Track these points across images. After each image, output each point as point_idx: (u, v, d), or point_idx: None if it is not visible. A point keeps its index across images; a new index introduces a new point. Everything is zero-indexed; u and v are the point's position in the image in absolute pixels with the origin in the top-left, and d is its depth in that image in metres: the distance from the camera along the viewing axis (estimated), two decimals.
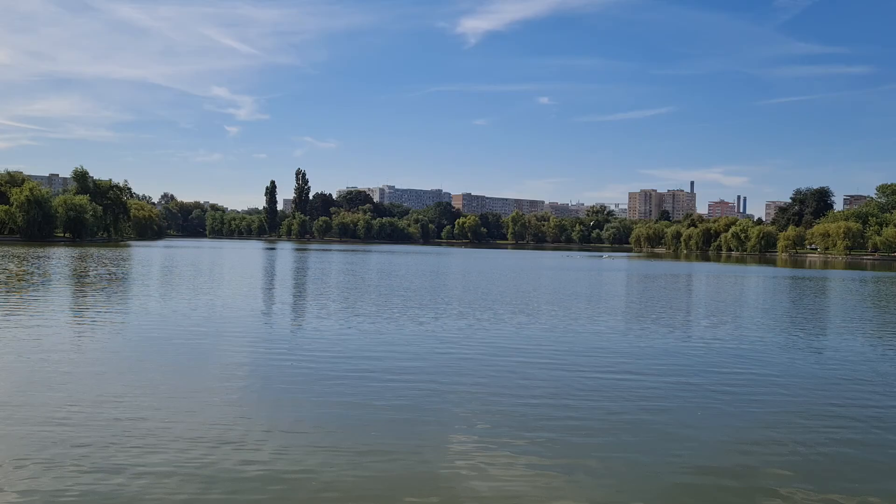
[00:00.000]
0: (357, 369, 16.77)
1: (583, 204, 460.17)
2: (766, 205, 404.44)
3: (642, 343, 22.39)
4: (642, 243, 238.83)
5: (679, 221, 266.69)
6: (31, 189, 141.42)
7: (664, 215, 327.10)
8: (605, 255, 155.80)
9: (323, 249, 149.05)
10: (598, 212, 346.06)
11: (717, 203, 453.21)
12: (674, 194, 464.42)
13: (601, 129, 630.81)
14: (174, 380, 15.38)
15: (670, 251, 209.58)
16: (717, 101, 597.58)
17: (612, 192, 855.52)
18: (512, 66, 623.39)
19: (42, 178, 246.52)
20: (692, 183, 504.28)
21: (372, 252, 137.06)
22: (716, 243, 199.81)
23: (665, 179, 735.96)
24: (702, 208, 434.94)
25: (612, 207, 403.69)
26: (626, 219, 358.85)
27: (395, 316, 27.69)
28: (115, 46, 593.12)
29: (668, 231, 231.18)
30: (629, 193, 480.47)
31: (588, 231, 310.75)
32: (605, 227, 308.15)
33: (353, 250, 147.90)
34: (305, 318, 27.67)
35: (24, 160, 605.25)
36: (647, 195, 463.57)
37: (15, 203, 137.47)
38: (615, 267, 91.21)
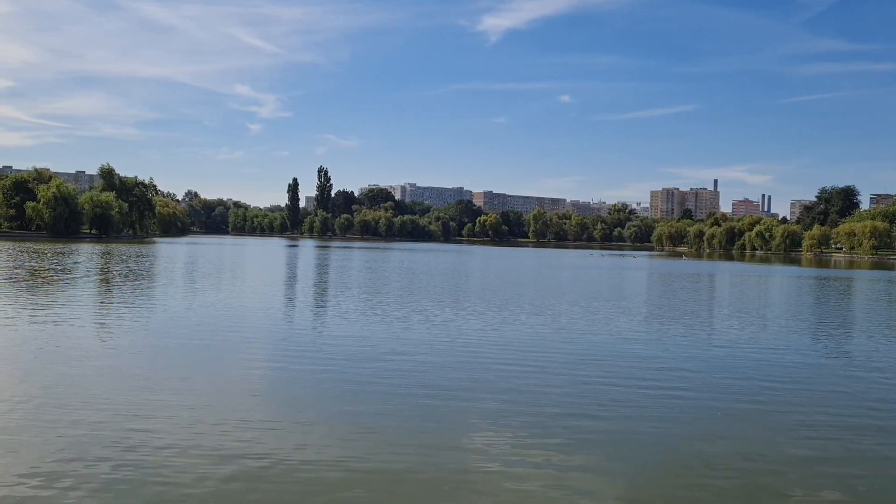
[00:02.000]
0: (377, 367, 16.96)
1: (604, 202, 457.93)
2: (791, 203, 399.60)
3: (665, 344, 22.39)
4: (664, 242, 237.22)
5: (702, 220, 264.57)
6: (58, 186, 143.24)
7: (687, 214, 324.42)
8: (633, 255, 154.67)
9: (344, 247, 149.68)
10: (619, 210, 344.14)
11: (741, 202, 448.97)
12: (697, 193, 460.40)
13: (622, 128, 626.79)
14: (196, 375, 15.70)
15: (693, 250, 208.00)
16: (741, 98, 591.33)
17: (634, 190, 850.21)
18: (532, 63, 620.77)
19: (69, 175, 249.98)
20: (715, 181, 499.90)
21: (393, 250, 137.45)
22: (740, 242, 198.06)
23: (688, 178, 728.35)
24: (725, 207, 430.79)
25: (634, 206, 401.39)
26: (647, 217, 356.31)
27: (416, 314, 27.90)
28: (140, 45, 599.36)
29: (690, 230, 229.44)
30: (651, 192, 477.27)
31: (610, 230, 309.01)
32: (626, 226, 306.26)
33: (374, 248, 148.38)
34: (327, 315, 28.00)
35: (51, 157, 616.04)
36: (669, 194, 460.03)
37: (42, 200, 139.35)
38: (637, 266, 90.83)
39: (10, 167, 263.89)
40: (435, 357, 18.47)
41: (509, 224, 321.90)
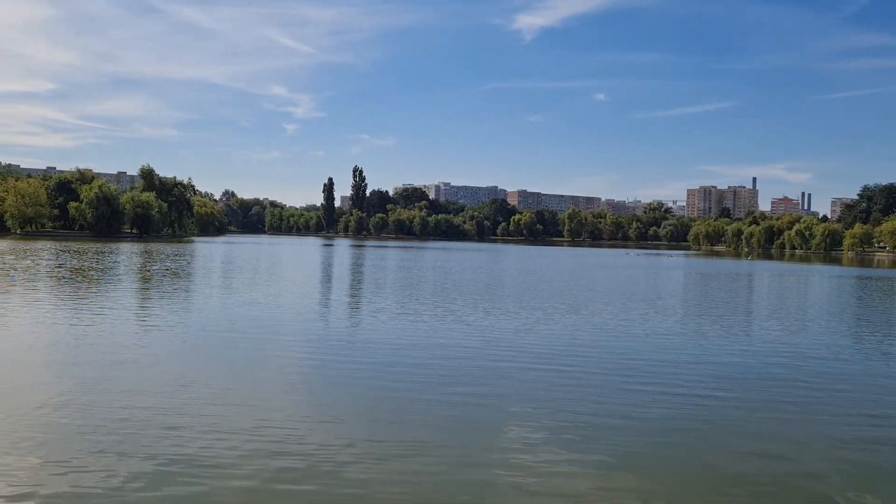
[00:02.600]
0: (410, 367, 17.10)
1: (640, 201, 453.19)
2: (832, 202, 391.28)
3: (702, 344, 22.21)
4: (701, 241, 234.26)
5: (740, 219, 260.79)
6: (100, 186, 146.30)
7: (724, 212, 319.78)
8: (669, 254, 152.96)
9: (379, 246, 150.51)
10: (655, 209, 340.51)
11: (780, 200, 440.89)
12: (735, 191, 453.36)
13: (658, 125, 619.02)
14: (233, 373, 15.97)
15: (731, 249, 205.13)
16: (780, 95, 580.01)
17: (670, 189, 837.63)
18: (567, 62, 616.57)
19: (111, 175, 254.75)
20: (754, 179, 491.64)
21: (427, 249, 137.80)
22: (779, 241, 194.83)
23: (725, 176, 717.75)
24: (764, 205, 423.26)
25: (670, 205, 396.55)
26: (684, 216, 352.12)
27: (449, 314, 28.02)
28: (178, 47, 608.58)
29: (728, 229, 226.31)
30: (688, 190, 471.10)
31: (645, 228, 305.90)
32: (662, 225, 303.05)
33: (408, 247, 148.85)
34: (361, 314, 28.26)
35: (93, 158, 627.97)
36: (706, 192, 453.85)
37: (85, 200, 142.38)
38: (673, 265, 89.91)
39: (54, 168, 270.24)
40: (467, 357, 18.55)
41: (544, 223, 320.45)
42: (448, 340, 21.21)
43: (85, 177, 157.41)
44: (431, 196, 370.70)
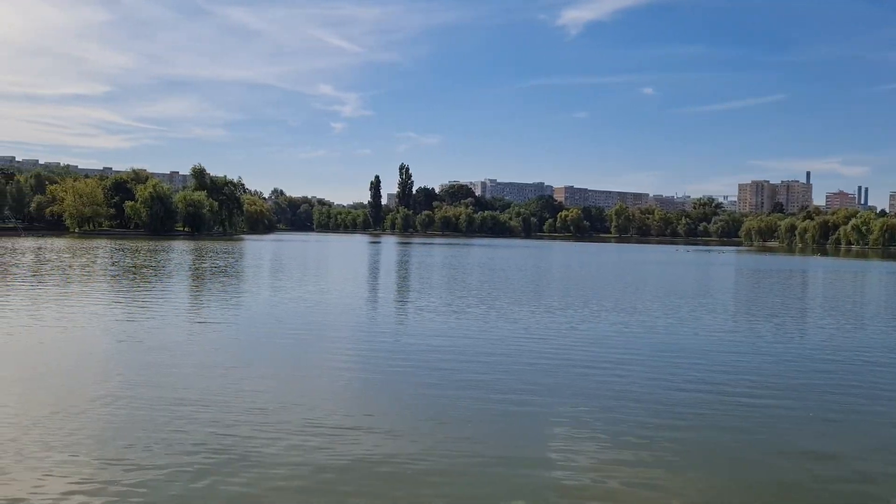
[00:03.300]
0: (455, 365, 17.14)
1: (689, 196, 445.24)
2: (891, 195, 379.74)
3: (753, 343, 21.80)
4: (753, 237, 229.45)
5: (794, 214, 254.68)
6: (154, 186, 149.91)
7: (777, 207, 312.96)
8: (720, 250, 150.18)
9: (425, 243, 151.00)
10: (705, 204, 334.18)
11: (835, 194, 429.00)
12: (788, 185, 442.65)
13: (708, 119, 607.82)
14: (281, 368, 16.27)
15: (784, 245, 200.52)
16: (833, 87, 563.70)
17: (720, 184, 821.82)
18: (614, 56, 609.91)
19: (164, 175, 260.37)
20: (808, 174, 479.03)
21: (473, 246, 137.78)
22: (834, 237, 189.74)
23: (778, 170, 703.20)
24: (819, 200, 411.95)
25: (721, 200, 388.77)
26: (735, 212, 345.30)
27: (494, 311, 28.01)
28: (227, 49, 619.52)
29: (781, 224, 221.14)
30: (739, 185, 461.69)
31: (695, 224, 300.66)
32: (712, 220, 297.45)
33: (454, 244, 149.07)
34: (407, 311, 28.45)
35: (147, 159, 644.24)
36: (758, 187, 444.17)
37: (140, 199, 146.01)
38: (724, 261, 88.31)
39: (110, 169, 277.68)
40: (511, 355, 18.53)
41: (591, 219, 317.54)
42: (492, 338, 21.23)
43: (139, 177, 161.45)
44: (477, 193, 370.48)
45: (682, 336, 22.74)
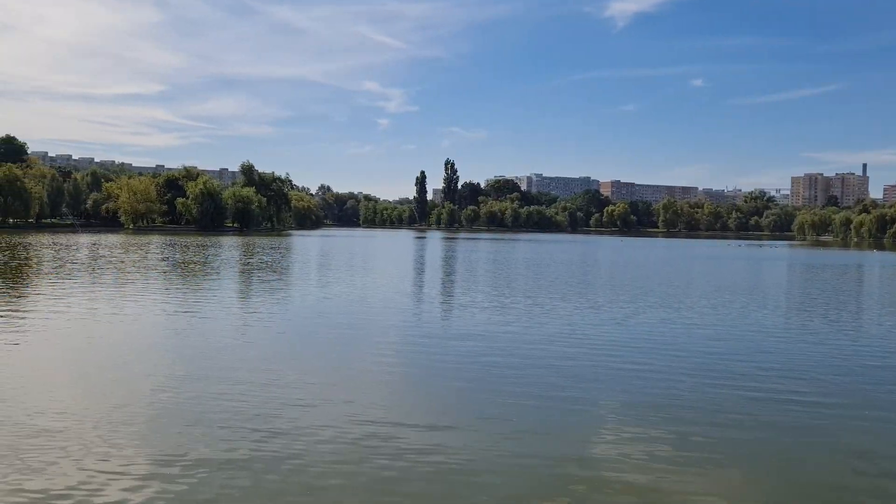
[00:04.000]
0: (500, 361, 17.05)
1: (739, 190, 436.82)
2: None
3: (806, 342, 21.26)
4: (806, 231, 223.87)
5: (849, 207, 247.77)
6: (204, 183, 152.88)
7: (831, 201, 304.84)
8: (772, 244, 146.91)
9: (471, 238, 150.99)
10: (756, 198, 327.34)
11: (893, 186, 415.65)
12: (843, 178, 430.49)
13: (760, 111, 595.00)
14: (327, 364, 16.35)
15: (838, 240, 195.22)
16: (891, 75, 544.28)
17: (772, 177, 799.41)
18: (662, 48, 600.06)
19: (214, 172, 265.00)
20: (864, 166, 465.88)
21: (519, 241, 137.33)
22: (892, 231, 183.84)
23: (832, 163, 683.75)
24: (876, 193, 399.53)
25: (773, 193, 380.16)
26: (787, 205, 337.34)
27: (540, 307, 27.84)
28: (274, 47, 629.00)
29: (835, 218, 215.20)
30: (792, 178, 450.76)
31: (746, 218, 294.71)
32: (764, 214, 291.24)
33: (500, 239, 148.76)
34: (452, 307, 28.45)
35: (198, 156, 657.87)
36: (812, 180, 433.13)
37: (191, 196, 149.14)
38: (776, 256, 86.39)
39: (163, 166, 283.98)
40: (557, 351, 18.37)
41: (638, 214, 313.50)
42: (536, 334, 21.11)
43: (190, 174, 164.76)
44: (523, 187, 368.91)
45: (731, 333, 22.29)
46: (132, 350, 17.54)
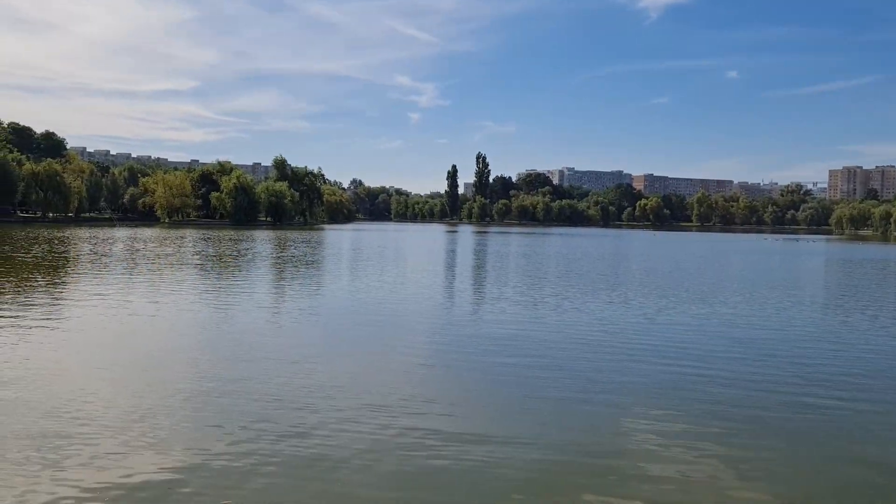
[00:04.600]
0: (531, 355, 16.98)
1: (776, 184, 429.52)
2: None
3: (843, 339, 20.84)
4: (844, 225, 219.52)
5: (889, 200, 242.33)
6: (238, 177, 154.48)
7: (871, 194, 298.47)
8: (809, 239, 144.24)
9: (502, 232, 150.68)
10: (793, 191, 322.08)
11: None
12: (883, 171, 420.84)
13: (796, 103, 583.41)
14: (358, 358, 16.41)
15: (878, 233, 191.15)
16: None
17: (809, 170, 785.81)
18: (696, 39, 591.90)
19: (247, 166, 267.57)
20: None
21: (551, 235, 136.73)
22: None
23: (872, 155, 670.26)
24: None
25: (810, 187, 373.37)
26: (825, 199, 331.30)
27: (570, 302, 27.67)
28: (307, 42, 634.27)
29: (875, 211, 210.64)
30: (829, 171, 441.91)
31: (782, 212, 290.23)
32: (801, 208, 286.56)
33: (531, 233, 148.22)
34: (483, 301, 28.38)
35: (231, 151, 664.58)
36: (850, 173, 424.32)
37: (224, 190, 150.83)
38: (814, 251, 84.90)
39: (198, 161, 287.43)
40: (587, 345, 18.24)
41: (671, 208, 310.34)
42: (568, 330, 20.98)
43: (224, 168, 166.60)
44: (555, 181, 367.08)
45: (766, 329, 21.93)
46: (165, 342, 17.81)
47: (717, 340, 19.61)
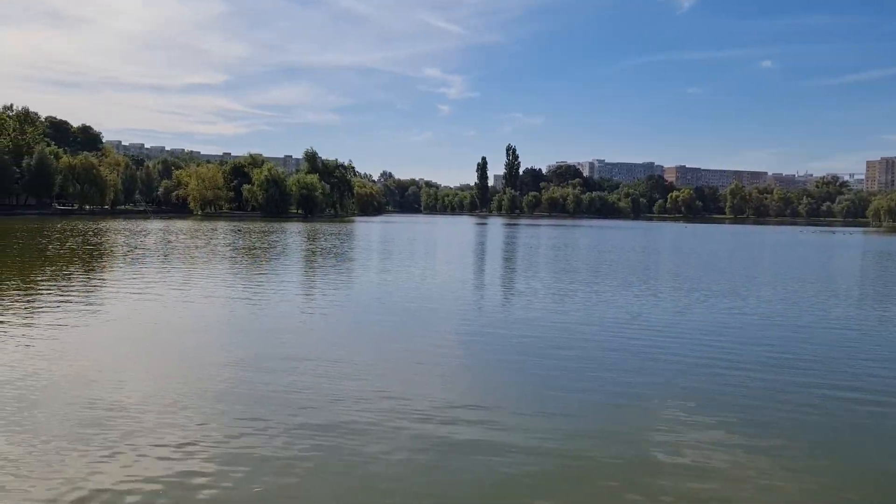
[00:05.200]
0: (560, 349, 16.93)
1: (811, 175, 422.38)
2: None
3: (881, 335, 20.52)
4: (882, 217, 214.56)
5: None
6: (269, 170, 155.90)
7: None
8: (847, 231, 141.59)
9: (532, 224, 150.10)
10: (828, 183, 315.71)
11: None
12: None
13: (832, 93, 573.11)
14: (386, 352, 16.49)
15: None
16: None
17: (845, 161, 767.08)
18: (730, 29, 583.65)
19: (278, 159, 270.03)
20: None
21: (581, 227, 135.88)
22: None
23: None
24: None
25: (846, 178, 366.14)
26: (862, 190, 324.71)
27: (600, 295, 27.48)
28: (337, 35, 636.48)
29: None
30: (867, 162, 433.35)
31: (817, 204, 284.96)
32: (837, 200, 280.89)
33: (561, 225, 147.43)
34: (513, 294, 28.29)
35: (263, 144, 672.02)
36: (888, 163, 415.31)
37: (256, 183, 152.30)
38: (850, 243, 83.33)
39: (229, 154, 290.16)
40: (617, 340, 18.11)
41: (704, 199, 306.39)
42: (597, 323, 20.87)
43: (256, 161, 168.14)
44: (585, 173, 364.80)
45: (801, 324, 21.57)
46: (197, 335, 18.07)
47: (751, 333, 19.32)
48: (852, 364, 15.86)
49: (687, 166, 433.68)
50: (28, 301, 22.50)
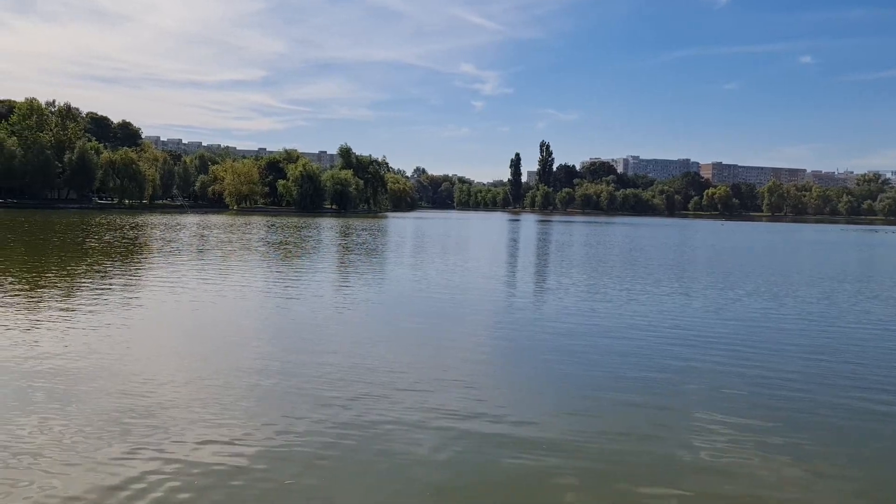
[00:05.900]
0: (593, 347, 16.81)
1: (851, 172, 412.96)
2: None
3: None
4: None
5: None
6: (303, 165, 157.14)
7: None
8: (885, 229, 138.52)
9: (565, 221, 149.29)
10: (870, 180, 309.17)
11: None
12: None
13: (874, 87, 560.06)
14: (416, 347, 16.51)
15: None
16: None
17: (888, 158, 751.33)
18: (768, 23, 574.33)
19: (313, 155, 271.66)
20: None
21: (615, 224, 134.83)
22: None
23: None
24: None
25: (888, 175, 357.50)
26: None
27: (632, 293, 27.22)
28: (372, 31, 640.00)
29: None
30: None
31: (858, 202, 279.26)
32: (878, 198, 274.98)
33: (595, 222, 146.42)
34: (546, 290, 28.16)
35: (298, 139, 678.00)
36: None
37: (291, 178, 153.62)
38: (891, 243, 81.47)
39: (265, 149, 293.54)
40: (651, 339, 17.90)
41: (740, 197, 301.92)
42: (630, 322, 20.64)
43: (291, 156, 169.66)
44: (619, 170, 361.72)
45: (838, 325, 21.14)
46: (230, 329, 18.27)
47: (786, 334, 18.98)
48: (888, 367, 15.47)
49: (723, 163, 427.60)
50: (64, 295, 22.93)
